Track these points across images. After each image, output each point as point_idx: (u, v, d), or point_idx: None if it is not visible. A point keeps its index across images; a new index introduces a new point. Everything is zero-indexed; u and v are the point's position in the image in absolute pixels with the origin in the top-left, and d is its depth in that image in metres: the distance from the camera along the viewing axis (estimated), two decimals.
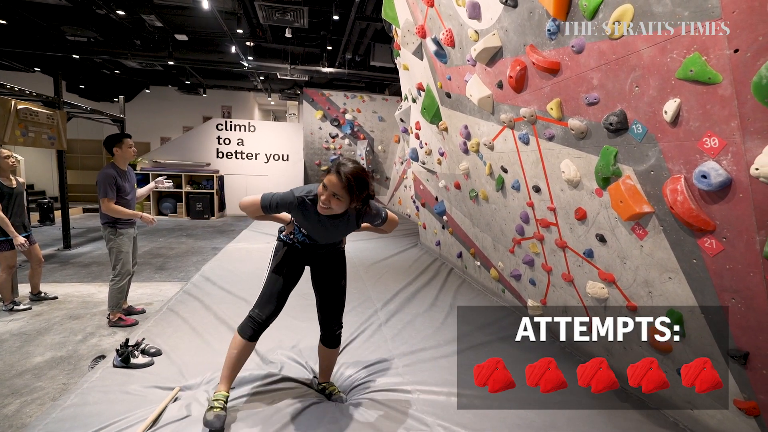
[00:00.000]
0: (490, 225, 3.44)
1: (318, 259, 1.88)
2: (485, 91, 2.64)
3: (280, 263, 1.82)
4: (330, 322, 1.89)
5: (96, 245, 6.01)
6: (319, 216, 1.64)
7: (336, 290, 1.89)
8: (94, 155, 11.32)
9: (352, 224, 1.74)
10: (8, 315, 3.26)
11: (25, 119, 4.85)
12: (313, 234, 1.77)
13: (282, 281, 1.80)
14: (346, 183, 1.49)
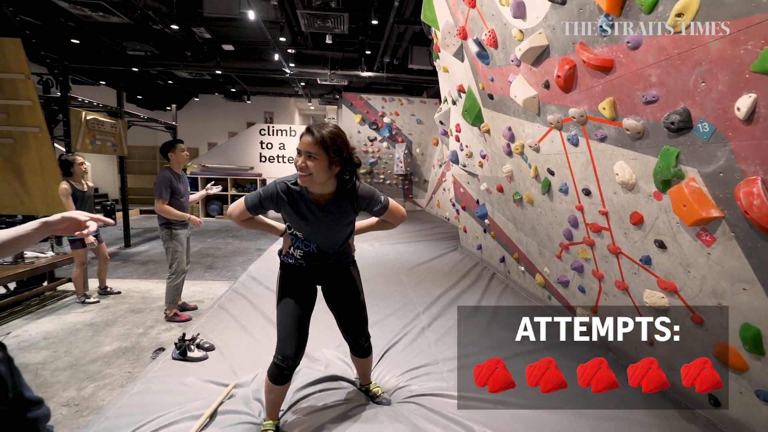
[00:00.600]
0: (535, 229, 3.34)
1: (327, 275, 1.69)
2: (530, 92, 2.58)
3: (286, 291, 1.63)
4: (354, 338, 1.79)
5: (152, 245, 6.42)
6: (310, 204, 1.49)
7: (354, 308, 1.74)
8: (149, 160, 12.12)
9: (348, 211, 1.55)
10: (81, 307, 3.56)
11: (93, 128, 5.29)
12: (311, 233, 1.57)
13: (294, 314, 1.60)
14: (319, 138, 1.38)
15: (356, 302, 1.74)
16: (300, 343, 1.60)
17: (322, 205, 1.50)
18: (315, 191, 1.49)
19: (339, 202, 1.52)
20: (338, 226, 1.58)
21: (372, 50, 7.12)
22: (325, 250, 1.62)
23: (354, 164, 1.49)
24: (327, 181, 1.46)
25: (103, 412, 1.84)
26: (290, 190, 1.49)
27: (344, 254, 1.69)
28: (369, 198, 1.56)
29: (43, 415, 1.12)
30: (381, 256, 5.19)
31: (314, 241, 1.60)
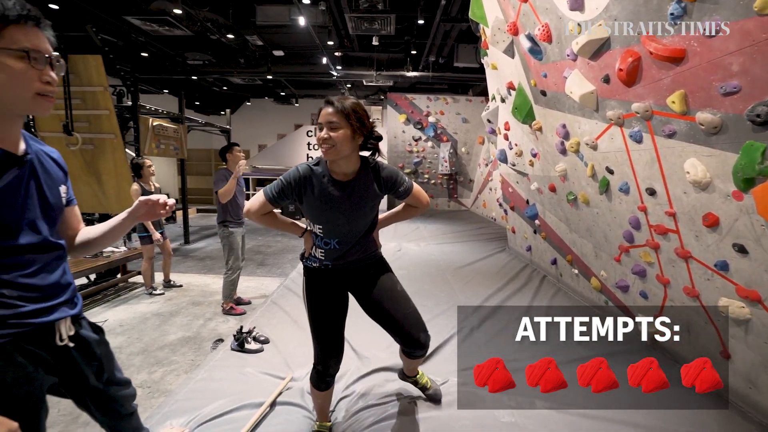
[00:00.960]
0: (591, 230, 3.18)
1: (356, 276, 1.54)
2: (588, 87, 2.46)
3: (315, 300, 1.51)
4: (410, 337, 1.54)
5: (208, 242, 6.83)
6: (333, 184, 1.40)
7: (397, 298, 1.54)
8: (205, 162, 12.86)
9: (373, 191, 1.44)
10: (149, 298, 3.87)
11: (159, 133, 5.72)
12: (332, 222, 1.44)
13: (326, 323, 1.50)
14: (340, 107, 1.32)
15: (396, 291, 1.56)
16: (336, 352, 1.53)
17: (345, 184, 1.40)
18: (339, 168, 1.39)
19: (363, 180, 1.42)
20: (362, 210, 1.44)
21: (417, 50, 7.10)
22: (346, 244, 1.47)
23: (376, 137, 1.42)
24: (351, 154, 1.37)
25: (172, 395, 1.99)
26: (312, 171, 1.40)
27: (368, 251, 1.54)
28: (394, 178, 1.46)
29: (130, 394, 1.25)
30: (426, 256, 5.17)
31: (335, 234, 1.45)
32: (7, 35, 0.80)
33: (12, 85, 0.82)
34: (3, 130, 0.87)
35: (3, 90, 0.82)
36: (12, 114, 0.88)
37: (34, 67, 0.83)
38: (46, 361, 0.96)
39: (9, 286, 0.88)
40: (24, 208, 0.90)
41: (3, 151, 0.87)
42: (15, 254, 0.89)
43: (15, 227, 0.87)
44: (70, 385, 1.06)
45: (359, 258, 1.52)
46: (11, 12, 0.79)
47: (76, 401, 1.13)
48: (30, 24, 0.82)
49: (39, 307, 0.93)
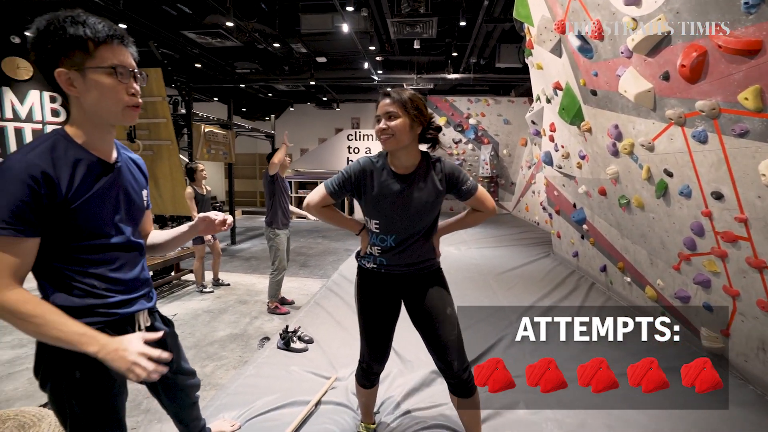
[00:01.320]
0: (646, 236, 3.00)
1: (408, 283, 1.47)
2: (644, 85, 2.33)
3: (365, 302, 1.50)
4: (448, 365, 1.41)
5: (253, 242, 7.11)
6: (393, 177, 1.37)
7: (442, 321, 1.42)
8: (250, 166, 13.42)
9: (433, 187, 1.38)
10: (200, 295, 4.09)
11: (210, 139, 6.04)
12: (390, 217, 1.39)
13: (374, 328, 1.49)
14: (397, 98, 1.31)
15: (443, 314, 1.44)
16: (383, 352, 1.52)
17: (404, 177, 1.37)
18: (398, 162, 1.37)
19: (423, 174, 1.38)
20: (421, 206, 1.38)
21: (458, 52, 7.04)
22: (403, 243, 1.41)
23: (435, 127, 1.39)
24: (410, 145, 1.35)
25: (223, 389, 2.08)
26: (373, 164, 1.39)
27: (425, 256, 1.46)
28: (456, 175, 1.40)
29: (195, 384, 1.34)
30: (468, 260, 5.09)
31: (392, 230, 1.40)
32: (98, 54, 0.88)
33: (104, 100, 0.90)
34: (98, 140, 0.97)
35: (97, 104, 0.91)
36: (105, 125, 0.97)
37: (121, 81, 0.91)
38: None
39: (99, 278, 0.97)
40: (114, 210, 0.99)
41: (99, 160, 0.96)
42: (105, 251, 0.98)
43: (106, 227, 0.96)
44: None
45: (415, 262, 1.44)
46: (101, 34, 0.88)
47: (149, 387, 1.24)
48: (116, 42, 0.91)
49: (122, 299, 1.02)
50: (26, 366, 2.57)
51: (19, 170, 0.83)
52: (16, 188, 0.82)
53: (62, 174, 0.88)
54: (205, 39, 5.31)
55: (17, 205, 0.82)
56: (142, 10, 5.28)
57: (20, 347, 2.85)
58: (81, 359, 0.91)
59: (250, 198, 13.37)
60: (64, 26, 0.85)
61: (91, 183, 0.93)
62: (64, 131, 0.94)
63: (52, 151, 0.88)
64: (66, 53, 0.86)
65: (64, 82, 0.88)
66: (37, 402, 2.09)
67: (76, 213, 0.90)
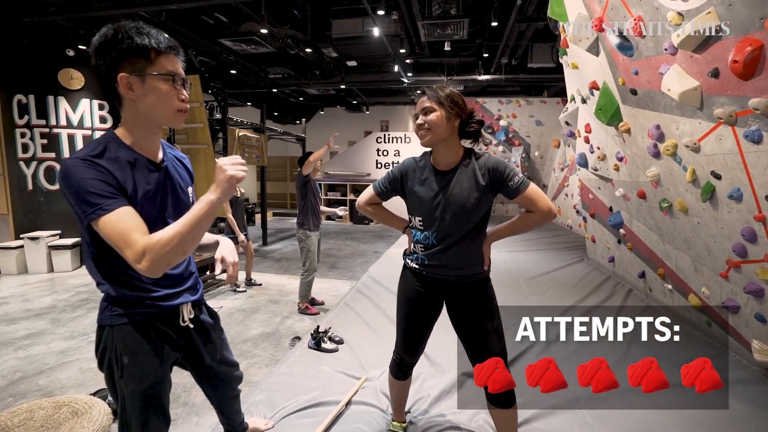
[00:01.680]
0: (690, 242, 2.85)
1: (452, 291, 1.44)
2: (690, 83, 2.22)
3: (405, 303, 1.51)
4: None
5: (284, 243, 7.27)
6: (435, 173, 1.38)
7: (489, 334, 1.38)
8: (281, 169, 13.74)
9: (476, 183, 1.33)
10: (233, 294, 4.22)
11: (243, 143, 6.24)
12: (432, 214, 1.37)
13: (411, 327, 1.50)
14: (434, 94, 1.32)
15: (483, 328, 1.39)
16: (417, 347, 1.53)
17: (446, 173, 1.37)
18: (440, 158, 1.37)
19: (465, 170, 1.35)
20: (464, 202, 1.34)
21: (489, 52, 6.94)
22: (445, 241, 1.38)
23: (477, 120, 1.38)
24: (450, 139, 1.34)
25: (257, 386, 2.14)
26: (416, 163, 1.43)
27: (471, 261, 1.41)
28: (501, 169, 1.33)
29: (237, 376, 1.41)
30: (498, 264, 5.00)
31: (434, 226, 1.38)
32: (158, 62, 0.96)
33: (159, 103, 0.98)
34: (147, 141, 1.04)
35: (152, 107, 0.98)
36: (154, 128, 1.04)
37: (175, 87, 0.99)
38: (172, 339, 1.13)
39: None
40: (162, 207, 1.06)
41: (147, 159, 1.04)
42: None
43: (154, 223, 1.01)
44: (190, 361, 1.24)
45: (458, 267, 1.40)
46: (162, 44, 0.97)
47: (194, 376, 1.31)
48: (172, 53, 0.99)
49: (168, 293, 1.09)
50: (77, 357, 2.74)
51: (82, 163, 0.91)
52: (88, 173, 0.89)
53: (117, 173, 0.95)
54: (240, 46, 5.50)
55: (99, 184, 0.89)
56: (183, 21, 5.53)
57: (71, 339, 3.04)
58: (129, 347, 1.01)
59: (280, 200, 13.68)
60: (131, 35, 0.93)
61: (141, 182, 1.00)
62: (113, 134, 1.01)
63: (106, 152, 0.96)
64: (129, 59, 0.94)
65: (124, 86, 0.95)
66: (88, 390, 2.23)
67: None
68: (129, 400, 1.05)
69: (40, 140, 5.11)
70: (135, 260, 0.86)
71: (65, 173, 0.90)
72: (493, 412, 1.45)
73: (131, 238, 0.87)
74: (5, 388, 2.35)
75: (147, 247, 0.86)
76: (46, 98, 5.07)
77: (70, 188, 0.89)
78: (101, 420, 1.56)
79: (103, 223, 0.88)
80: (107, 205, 0.88)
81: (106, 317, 1.03)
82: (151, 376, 1.07)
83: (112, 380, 1.06)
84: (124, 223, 0.88)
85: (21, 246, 5.00)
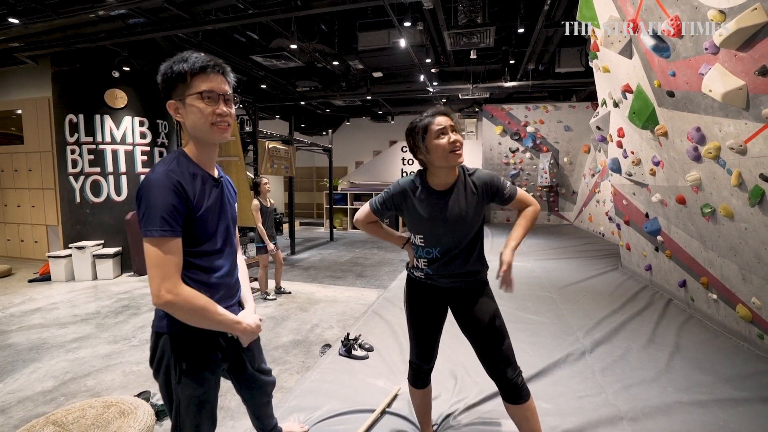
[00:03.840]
0: (737, 249, 2.70)
1: (456, 296, 1.49)
2: (735, 83, 2.13)
3: (413, 309, 1.55)
4: (501, 373, 1.41)
5: (311, 253, 7.38)
6: (432, 194, 1.41)
7: (490, 332, 1.43)
8: (307, 179, 14.02)
9: (471, 197, 1.41)
10: (263, 302, 4.31)
11: (273, 155, 6.42)
12: (432, 231, 1.43)
13: (422, 333, 1.54)
14: (451, 113, 1.39)
15: (492, 325, 1.43)
16: (431, 353, 1.57)
17: (444, 193, 1.42)
18: (439, 180, 1.42)
19: (461, 188, 1.42)
20: (462, 218, 1.40)
21: (515, 59, 6.88)
22: (448, 254, 1.43)
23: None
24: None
25: (291, 392, 2.18)
26: (413, 184, 1.45)
27: (472, 268, 1.46)
28: (494, 182, 1.43)
29: (271, 382, 1.45)
30: (528, 273, 4.89)
31: (436, 243, 1.44)
32: (192, 83, 1.04)
33: (197, 120, 1.05)
34: (206, 157, 1.12)
35: (193, 125, 1.06)
36: (207, 144, 1.11)
37: (209, 104, 1.04)
38: (223, 348, 1.18)
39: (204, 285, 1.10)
40: (219, 219, 1.13)
41: (208, 175, 1.12)
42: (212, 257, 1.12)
43: (212, 234, 1.10)
44: (234, 370, 1.28)
45: (461, 273, 1.45)
46: (195, 65, 1.04)
47: (235, 384, 1.35)
48: (210, 71, 1.05)
49: (229, 304, 1.16)
50: (120, 360, 2.87)
51: (165, 181, 0.98)
52: (166, 195, 0.97)
53: (188, 186, 1.03)
54: (271, 61, 5.69)
55: (170, 210, 0.97)
56: (217, 40, 5.80)
57: (114, 343, 3.19)
58: (187, 354, 1.06)
59: (307, 210, 13.93)
60: (172, 66, 1.03)
61: (206, 195, 1.08)
62: (182, 150, 1.11)
63: (179, 166, 1.04)
64: (173, 87, 1.04)
65: (172, 111, 1.06)
66: (131, 392, 2.33)
67: (195, 222, 1.05)
68: (184, 405, 1.09)
69: (88, 156, 5.44)
70: (160, 291, 0.95)
71: (147, 186, 0.98)
72: (508, 408, 1.45)
73: (171, 274, 0.97)
74: (58, 387, 2.50)
75: (175, 291, 0.97)
76: (94, 117, 5.41)
77: (147, 200, 0.97)
78: (146, 421, 1.63)
79: (154, 243, 0.96)
80: (166, 231, 0.97)
81: (164, 325, 1.08)
82: (205, 382, 1.11)
83: (168, 386, 1.09)
84: (171, 255, 0.97)
85: (69, 255, 5.31)
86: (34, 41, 5.10)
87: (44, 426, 1.59)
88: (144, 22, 4.63)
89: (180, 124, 1.08)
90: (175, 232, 0.98)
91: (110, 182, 5.50)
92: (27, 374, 2.68)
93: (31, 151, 6.42)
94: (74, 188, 5.48)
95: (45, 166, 6.34)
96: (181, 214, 1.00)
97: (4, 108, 6.62)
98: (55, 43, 5.01)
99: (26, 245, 6.70)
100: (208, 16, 4.57)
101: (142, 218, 0.97)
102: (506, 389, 1.41)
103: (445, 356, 2.50)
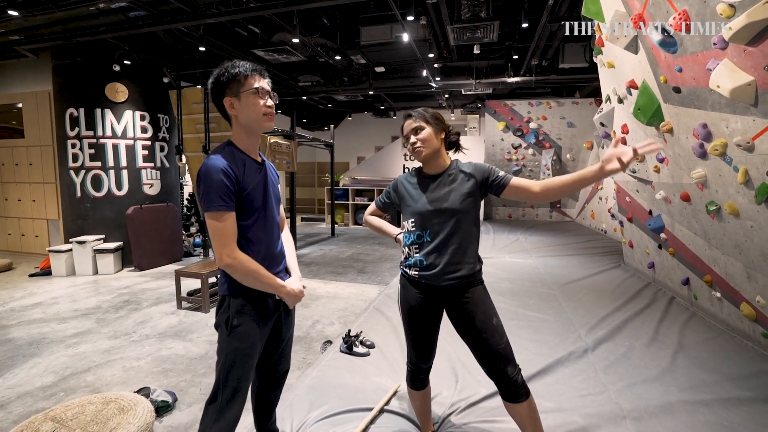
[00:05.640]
0: (742, 247, 2.67)
1: (450, 296, 1.46)
2: (743, 78, 2.09)
3: (407, 313, 1.53)
4: (501, 372, 1.40)
5: (312, 248, 7.36)
6: (425, 179, 1.50)
7: (491, 333, 1.41)
8: (309, 174, 13.99)
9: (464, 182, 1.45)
10: None
11: (275, 150, 6.38)
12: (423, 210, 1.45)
13: (418, 335, 1.54)
14: (419, 115, 1.49)
15: (490, 324, 1.42)
16: (428, 353, 1.57)
17: (434, 176, 1.51)
18: (430, 168, 1.52)
19: (452, 172, 1.49)
20: (452, 200, 1.42)
21: (519, 54, 6.82)
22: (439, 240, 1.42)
23: (454, 132, 1.57)
24: (440, 150, 1.51)
25: (292, 390, 2.16)
26: (409, 175, 1.59)
27: (465, 266, 1.44)
28: (485, 168, 1.48)
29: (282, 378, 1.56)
30: (530, 270, 4.87)
31: (425, 224, 1.45)
32: (247, 82, 1.26)
33: (252, 112, 1.27)
34: (251, 146, 1.33)
35: (247, 116, 1.27)
36: (253, 134, 1.33)
37: (261, 98, 1.28)
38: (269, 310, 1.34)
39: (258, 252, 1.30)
40: (264, 196, 1.32)
41: (253, 160, 1.33)
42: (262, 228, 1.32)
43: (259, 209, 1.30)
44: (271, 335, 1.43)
45: (454, 270, 1.42)
46: (248, 69, 1.27)
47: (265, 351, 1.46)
48: (256, 74, 1.29)
49: (273, 272, 1.34)
50: (120, 356, 2.86)
51: (218, 166, 1.19)
52: (219, 178, 1.18)
53: (237, 170, 1.24)
54: (272, 56, 5.65)
55: (224, 189, 1.19)
56: (218, 34, 5.75)
57: (115, 338, 3.19)
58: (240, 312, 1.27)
59: (308, 205, 13.91)
60: (228, 70, 1.26)
61: (252, 176, 1.29)
62: (231, 141, 1.31)
63: (230, 155, 1.25)
64: (228, 86, 1.26)
65: (228, 106, 1.27)
66: (131, 387, 2.32)
67: (243, 199, 1.25)
68: (231, 357, 1.26)
69: (88, 150, 5.42)
70: (222, 256, 1.19)
71: (206, 170, 1.19)
72: (508, 407, 1.45)
73: (229, 241, 1.21)
74: (58, 383, 2.49)
75: (233, 256, 1.21)
76: (94, 111, 5.38)
77: (205, 182, 1.18)
78: (145, 417, 1.62)
79: (214, 216, 1.19)
80: (222, 206, 1.19)
81: (224, 290, 1.29)
82: (251, 337, 1.28)
83: (221, 339, 1.29)
84: (227, 226, 1.20)
85: (70, 249, 5.31)
86: (35, 34, 5.07)
87: (43, 422, 1.58)
88: (145, 15, 4.58)
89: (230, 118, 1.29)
90: (230, 207, 1.20)
91: (111, 177, 5.49)
92: (27, 369, 2.68)
93: (32, 145, 6.40)
94: (75, 182, 5.47)
95: (46, 160, 6.32)
96: (233, 192, 1.21)
97: (5, 102, 6.60)
98: (56, 36, 4.97)
99: (27, 239, 6.70)
100: (209, 9, 4.52)
101: (203, 196, 1.18)
102: (506, 388, 1.41)
103: (445, 354, 2.49)
